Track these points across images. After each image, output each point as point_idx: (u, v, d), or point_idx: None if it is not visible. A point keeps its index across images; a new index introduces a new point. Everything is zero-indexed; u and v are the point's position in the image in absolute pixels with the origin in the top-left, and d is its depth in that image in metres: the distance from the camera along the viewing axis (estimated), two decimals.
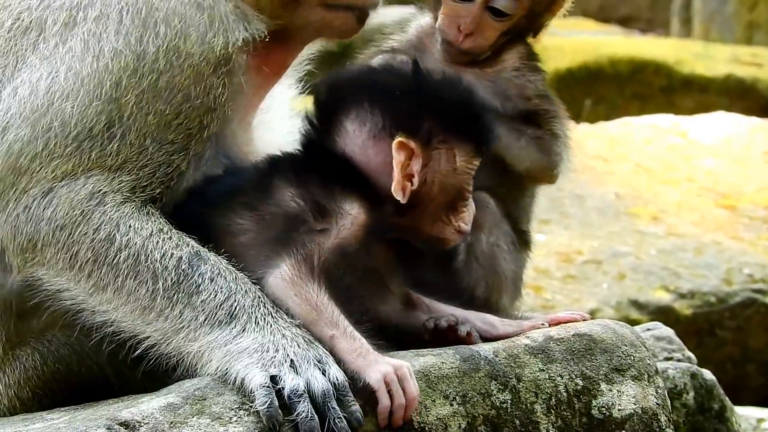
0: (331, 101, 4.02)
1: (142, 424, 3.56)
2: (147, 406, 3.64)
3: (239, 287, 3.75)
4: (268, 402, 3.52)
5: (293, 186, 3.90)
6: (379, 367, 3.67)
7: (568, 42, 11.26)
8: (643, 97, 10.68)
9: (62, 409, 3.97)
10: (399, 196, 3.87)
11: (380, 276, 4.03)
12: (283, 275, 3.77)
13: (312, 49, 4.44)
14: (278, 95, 4.42)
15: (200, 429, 3.59)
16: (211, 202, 3.98)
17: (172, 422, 3.57)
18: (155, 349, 3.75)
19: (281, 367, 3.59)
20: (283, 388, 3.54)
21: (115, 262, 3.75)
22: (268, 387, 3.54)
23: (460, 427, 3.78)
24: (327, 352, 3.66)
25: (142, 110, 3.83)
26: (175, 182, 3.91)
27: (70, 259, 3.79)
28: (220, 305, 3.71)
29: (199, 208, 4.00)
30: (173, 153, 3.88)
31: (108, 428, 3.54)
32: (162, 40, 3.84)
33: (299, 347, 3.64)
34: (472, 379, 3.82)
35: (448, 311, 4.06)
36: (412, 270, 4.12)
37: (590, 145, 7.77)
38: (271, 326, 3.68)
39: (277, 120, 4.45)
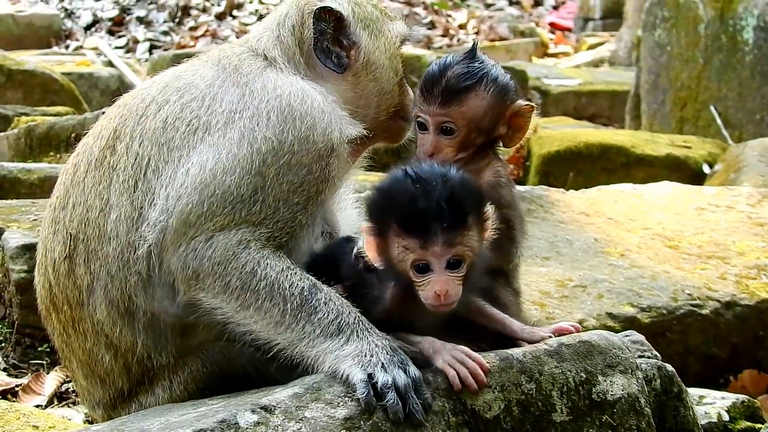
0: None
1: (277, 408, 3.56)
2: (279, 394, 3.69)
3: (344, 309, 3.75)
4: (366, 392, 3.51)
5: None
6: (442, 354, 3.72)
7: (556, 133, 11.29)
8: (609, 170, 10.63)
9: (219, 397, 3.95)
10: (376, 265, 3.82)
11: None
12: None
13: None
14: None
15: (318, 411, 3.57)
16: None
17: (297, 406, 3.57)
18: (283, 352, 3.76)
19: (375, 367, 3.55)
20: (376, 383, 3.52)
21: (256, 288, 3.76)
22: (365, 381, 3.53)
23: (500, 408, 3.76)
24: (407, 357, 3.64)
25: (278, 180, 3.85)
26: (298, 233, 3.93)
27: (224, 285, 3.80)
28: (332, 322, 3.71)
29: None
30: (297, 212, 3.89)
31: (252, 411, 3.54)
32: (298, 131, 3.90)
33: (387, 354, 3.60)
34: (507, 374, 3.82)
35: (496, 316, 4.06)
36: None
37: (575, 204, 7.70)
38: (367, 338, 3.65)
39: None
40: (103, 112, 10.36)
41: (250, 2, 26.78)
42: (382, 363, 3.61)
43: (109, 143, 4.21)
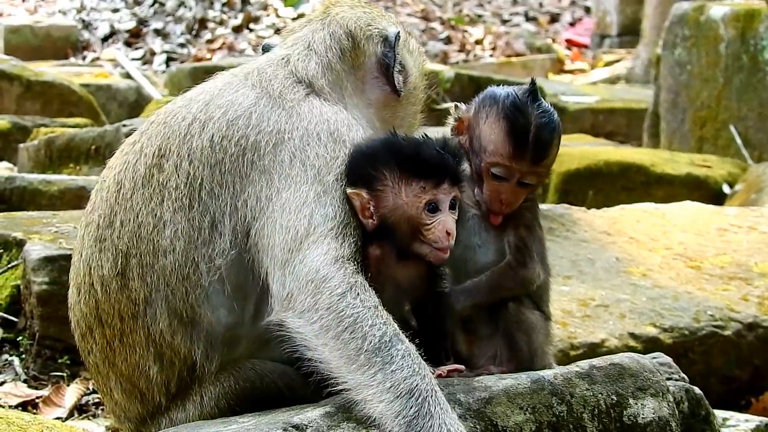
0: None
1: (308, 427, 3.55)
2: (311, 413, 3.62)
3: (420, 370, 3.63)
4: None
5: None
6: None
7: (576, 151, 11.27)
8: (629, 189, 10.64)
9: (250, 415, 3.93)
10: (367, 229, 3.93)
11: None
12: None
13: None
14: None
15: (349, 430, 3.57)
16: None
17: (329, 426, 3.55)
18: (348, 393, 3.66)
19: None
20: None
21: (342, 314, 3.68)
22: None
23: (531, 430, 3.74)
24: None
25: (337, 186, 3.89)
26: None
27: (312, 303, 3.73)
28: (404, 379, 3.58)
29: None
30: (354, 213, 3.93)
31: (284, 430, 3.53)
32: (348, 148, 3.94)
33: None
34: (539, 396, 3.80)
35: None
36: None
37: (597, 223, 7.70)
38: (440, 416, 3.57)
39: None
40: (124, 125, 10.42)
41: (267, 16, 26.85)
42: None
43: (155, 161, 4.18)
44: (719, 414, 5.18)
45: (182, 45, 25.92)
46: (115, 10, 27.30)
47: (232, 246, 4.03)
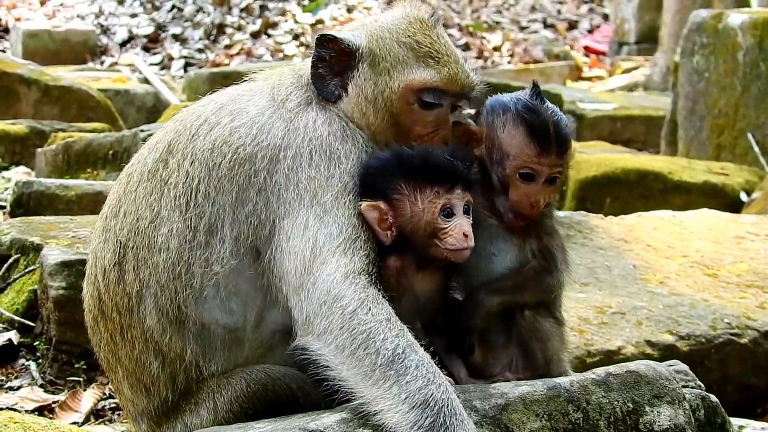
0: None
1: None
2: (327, 419, 3.62)
3: (435, 379, 3.62)
4: None
5: None
6: None
7: (593, 158, 11.26)
8: (646, 196, 10.63)
9: (265, 420, 3.92)
10: (384, 242, 3.95)
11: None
12: None
13: None
14: None
15: None
16: None
17: (345, 431, 3.56)
18: (366, 407, 3.66)
19: None
20: None
21: (354, 331, 3.68)
22: None
23: None
24: None
25: (336, 204, 3.88)
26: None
27: (327, 325, 3.73)
28: (419, 389, 3.57)
29: None
30: (362, 227, 3.91)
31: None
32: (344, 167, 3.94)
33: None
34: (555, 402, 3.78)
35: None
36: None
37: (614, 230, 7.69)
38: (455, 426, 3.56)
39: None
40: (142, 130, 10.45)
41: (285, 21, 26.91)
42: None
43: (163, 156, 4.25)
44: (735, 422, 5.15)
45: (200, 50, 26.01)
46: (134, 15, 27.41)
47: (233, 256, 4.07)
